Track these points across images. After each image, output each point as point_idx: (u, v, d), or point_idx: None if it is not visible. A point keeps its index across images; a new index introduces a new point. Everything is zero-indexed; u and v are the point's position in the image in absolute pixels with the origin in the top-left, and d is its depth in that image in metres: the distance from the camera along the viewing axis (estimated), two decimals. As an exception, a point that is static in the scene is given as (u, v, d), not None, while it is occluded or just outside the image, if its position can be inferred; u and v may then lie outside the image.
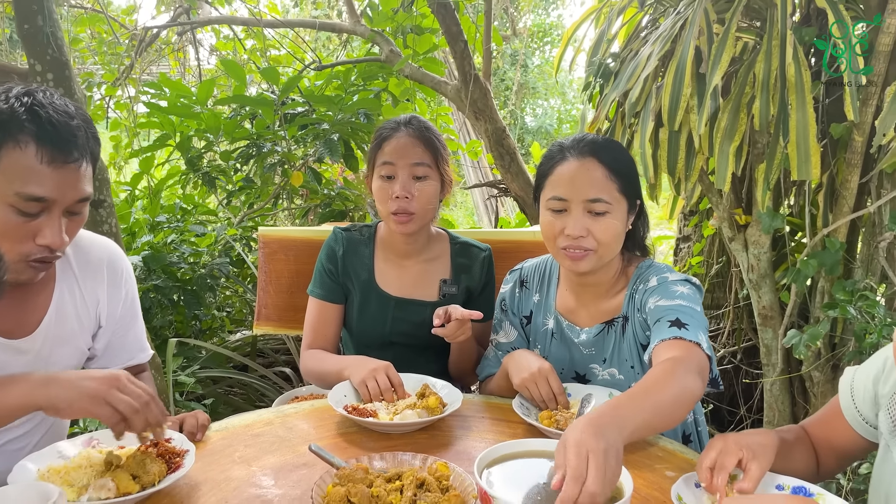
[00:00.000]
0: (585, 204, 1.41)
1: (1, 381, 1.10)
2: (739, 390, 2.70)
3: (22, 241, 1.15)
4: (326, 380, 1.60)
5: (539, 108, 14.31)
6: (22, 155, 1.12)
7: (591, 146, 1.45)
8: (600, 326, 1.53)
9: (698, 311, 1.39)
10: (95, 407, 1.08)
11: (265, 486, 1.17)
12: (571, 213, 1.42)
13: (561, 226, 1.43)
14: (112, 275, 1.43)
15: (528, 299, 1.66)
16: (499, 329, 1.69)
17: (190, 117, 3.36)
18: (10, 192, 1.12)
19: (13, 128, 1.12)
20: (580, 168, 1.42)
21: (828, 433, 1.19)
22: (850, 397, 1.16)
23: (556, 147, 1.51)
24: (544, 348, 1.62)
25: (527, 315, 1.67)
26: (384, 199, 1.68)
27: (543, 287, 1.65)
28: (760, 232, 2.29)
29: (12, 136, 1.12)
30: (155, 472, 1.12)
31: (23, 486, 0.99)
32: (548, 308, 1.63)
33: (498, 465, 1.11)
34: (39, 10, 2.08)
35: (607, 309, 1.54)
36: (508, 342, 1.66)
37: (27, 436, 1.38)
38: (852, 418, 1.16)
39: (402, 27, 3.36)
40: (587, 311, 1.56)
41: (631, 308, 1.50)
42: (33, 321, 1.30)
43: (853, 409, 1.15)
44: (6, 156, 1.12)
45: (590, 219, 1.41)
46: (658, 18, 2.50)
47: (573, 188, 1.42)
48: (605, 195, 1.41)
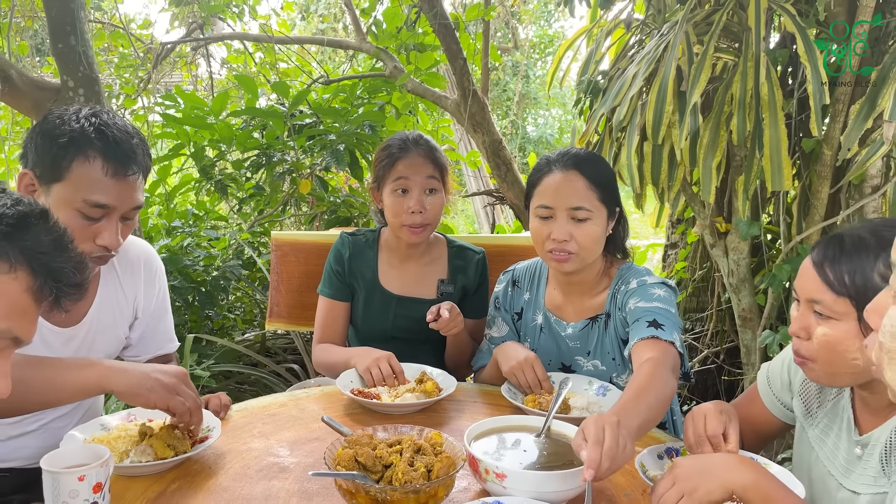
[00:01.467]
0: (569, 211, 1.57)
1: (75, 362, 1.26)
2: (722, 388, 2.86)
3: (84, 242, 1.32)
4: (335, 369, 1.77)
5: (540, 117, 14.50)
6: (90, 168, 1.30)
7: (574, 160, 1.62)
8: (585, 322, 1.69)
9: (673, 312, 1.54)
10: (171, 397, 1.23)
11: (282, 455, 1.33)
12: (557, 220, 1.58)
13: (548, 231, 1.59)
14: (148, 272, 1.61)
15: (519, 297, 1.83)
16: (492, 324, 1.85)
17: (203, 128, 3.53)
18: (77, 199, 1.30)
19: (84, 144, 1.30)
20: (564, 179, 1.59)
21: (748, 416, 1.34)
22: (766, 384, 1.33)
23: (544, 161, 1.67)
24: (533, 341, 1.78)
25: (518, 311, 1.83)
26: (398, 212, 1.84)
27: (533, 286, 1.81)
28: (739, 239, 2.45)
29: (82, 152, 1.30)
30: (186, 442, 1.29)
31: (79, 447, 1.16)
32: (537, 305, 1.79)
33: (485, 437, 1.28)
34: (72, 31, 2.27)
35: (591, 306, 1.70)
36: (501, 336, 1.82)
37: (69, 416, 1.55)
38: (769, 402, 1.32)
39: (405, 44, 3.55)
40: (573, 307, 1.72)
41: (613, 306, 1.66)
42: (81, 312, 1.48)
43: (770, 395, 1.32)
44: (77, 168, 1.30)
45: (573, 225, 1.57)
46: (644, 39, 2.67)
47: (558, 197, 1.58)
48: (587, 203, 1.58)
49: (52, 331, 1.44)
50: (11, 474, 1.49)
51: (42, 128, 1.34)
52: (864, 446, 1.09)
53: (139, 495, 1.18)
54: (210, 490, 1.20)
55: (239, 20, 4.50)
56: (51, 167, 1.31)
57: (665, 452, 1.30)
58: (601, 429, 1.07)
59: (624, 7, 2.81)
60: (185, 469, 1.27)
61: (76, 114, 1.33)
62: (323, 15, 7.53)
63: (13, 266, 0.89)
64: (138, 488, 1.20)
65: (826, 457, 1.16)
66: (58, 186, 1.32)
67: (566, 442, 1.28)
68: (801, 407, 1.24)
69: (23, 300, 0.90)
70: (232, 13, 4.32)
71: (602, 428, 1.07)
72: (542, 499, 1.10)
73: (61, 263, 0.94)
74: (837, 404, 1.18)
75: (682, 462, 1.08)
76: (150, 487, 1.20)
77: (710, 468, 1.05)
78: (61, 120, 1.33)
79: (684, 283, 3.06)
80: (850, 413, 1.13)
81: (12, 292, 0.89)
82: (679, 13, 2.36)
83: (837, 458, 1.14)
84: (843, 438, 1.14)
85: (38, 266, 0.91)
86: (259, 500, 1.17)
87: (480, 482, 1.16)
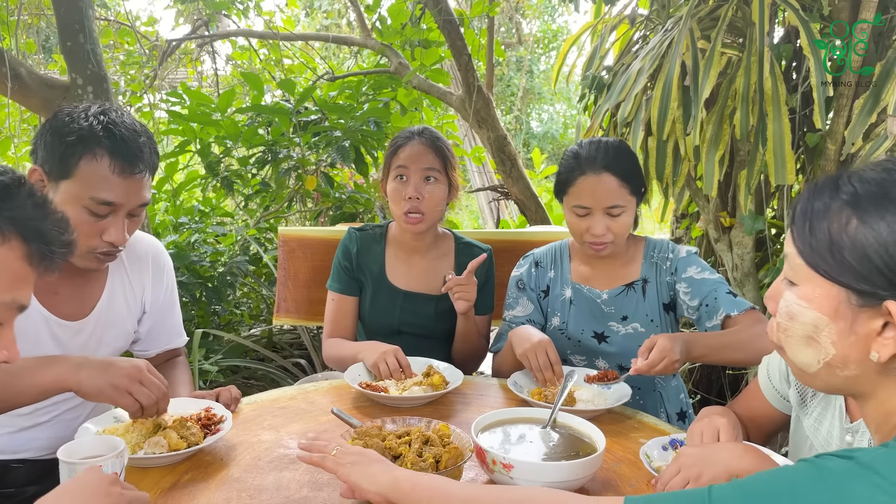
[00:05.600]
0: (605, 210, 1.68)
1: (40, 361, 1.25)
2: (726, 382, 2.87)
3: (91, 238, 1.35)
4: (344, 363, 1.79)
5: (545, 112, 14.48)
6: (98, 165, 1.32)
7: (605, 160, 1.69)
8: (621, 288, 1.80)
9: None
10: (119, 397, 1.23)
11: (292, 447, 1.35)
12: (594, 217, 1.69)
13: (585, 226, 1.70)
14: (156, 267, 1.63)
15: (543, 276, 1.89)
16: (515, 305, 1.89)
17: (209, 125, 3.56)
18: (84, 196, 1.32)
19: (92, 142, 1.32)
20: (598, 183, 1.68)
21: (750, 411, 1.37)
22: (766, 377, 1.35)
23: (573, 160, 1.73)
24: (563, 315, 1.84)
25: (544, 289, 1.88)
26: (398, 199, 1.87)
27: (557, 264, 1.88)
28: (744, 233, 2.46)
29: (90, 150, 1.32)
30: (198, 434, 1.31)
31: (95, 439, 1.18)
32: (564, 280, 1.86)
33: (492, 428, 1.30)
34: (81, 29, 2.28)
35: (623, 274, 1.81)
36: (525, 314, 1.86)
37: (80, 407, 1.57)
38: (770, 395, 1.34)
39: (409, 41, 3.56)
40: (604, 277, 1.82)
41: (653, 272, 1.79)
42: (89, 306, 1.50)
43: (770, 387, 1.33)
44: (84, 165, 1.32)
45: (609, 220, 1.69)
46: (648, 35, 2.68)
47: (594, 199, 1.68)
48: (620, 200, 1.68)
49: (60, 324, 1.46)
50: (24, 465, 1.52)
51: (52, 125, 1.36)
52: (855, 433, 1.10)
53: (153, 486, 1.20)
54: (222, 481, 1.22)
55: (244, 17, 4.52)
56: (59, 164, 1.33)
57: (669, 444, 1.32)
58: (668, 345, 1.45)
59: (628, 2, 2.82)
60: (198, 460, 1.29)
61: (85, 112, 1.36)
62: (327, 11, 7.54)
63: (6, 237, 0.91)
64: (152, 479, 1.22)
65: (821, 445, 1.18)
66: (66, 183, 1.34)
67: (572, 434, 1.30)
68: (797, 396, 1.26)
69: (21, 268, 0.93)
70: (237, 10, 4.33)
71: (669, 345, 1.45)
72: (549, 489, 1.11)
73: (48, 225, 0.96)
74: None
75: (687, 451, 1.10)
76: (163, 478, 1.22)
77: (715, 455, 1.07)
78: (70, 118, 1.35)
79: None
80: (842, 401, 1.15)
81: (10, 262, 0.92)
82: (683, 9, 2.37)
83: (831, 446, 1.15)
84: (835, 426, 1.15)
85: (28, 232, 0.93)
86: (270, 491, 1.19)
87: (488, 473, 1.18)
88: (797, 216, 0.86)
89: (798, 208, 0.86)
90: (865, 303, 0.80)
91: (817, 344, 0.85)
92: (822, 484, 0.71)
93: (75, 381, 1.21)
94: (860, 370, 0.83)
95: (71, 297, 1.48)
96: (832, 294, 0.82)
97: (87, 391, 1.22)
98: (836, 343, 0.83)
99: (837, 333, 0.83)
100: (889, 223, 0.77)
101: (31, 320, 1.42)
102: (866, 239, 0.78)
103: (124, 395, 1.23)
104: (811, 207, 0.84)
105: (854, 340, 0.82)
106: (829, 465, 0.72)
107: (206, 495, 1.17)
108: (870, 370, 0.83)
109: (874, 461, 0.71)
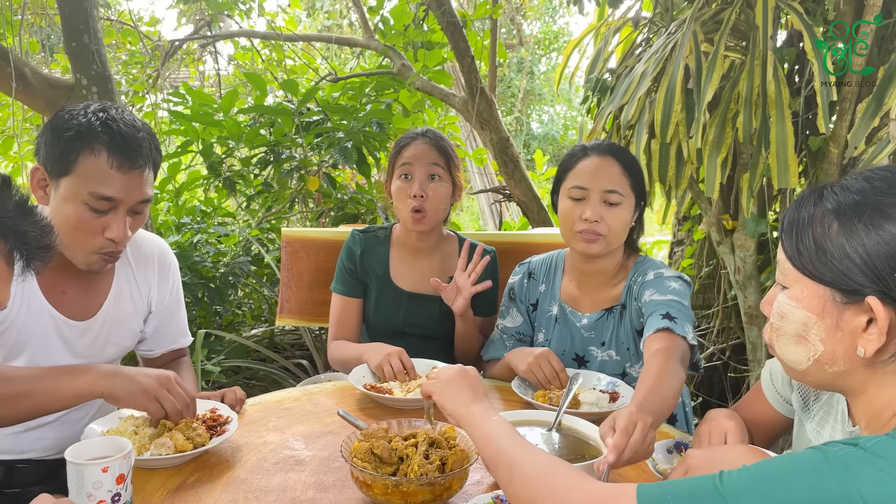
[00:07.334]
0: (602, 194, 1.65)
1: (70, 369, 1.30)
2: (728, 385, 2.88)
3: (93, 235, 1.35)
4: (349, 365, 1.79)
5: (545, 114, 14.48)
6: (96, 161, 1.33)
7: (610, 147, 1.71)
8: (600, 313, 1.75)
9: (686, 305, 1.59)
10: (148, 402, 1.28)
11: (297, 448, 1.36)
12: (590, 201, 1.65)
13: (580, 211, 1.65)
14: (162, 267, 1.63)
15: (535, 289, 1.87)
16: (506, 315, 1.88)
17: (212, 125, 3.56)
18: (84, 192, 1.33)
19: (90, 138, 1.32)
20: (601, 164, 1.67)
21: (753, 414, 1.37)
22: (769, 380, 1.35)
23: (579, 148, 1.75)
24: (548, 332, 1.82)
25: (533, 303, 1.87)
26: (402, 197, 1.88)
27: (549, 278, 1.86)
28: (746, 236, 2.46)
29: (88, 145, 1.32)
30: (204, 435, 1.31)
31: (101, 439, 1.18)
32: (553, 296, 1.83)
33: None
34: (86, 30, 2.29)
35: (607, 297, 1.75)
36: (514, 326, 1.86)
37: (85, 407, 1.57)
38: (773, 398, 1.34)
39: (412, 42, 3.57)
40: (589, 299, 1.78)
41: (629, 297, 1.71)
42: (96, 305, 1.51)
43: (773, 391, 1.34)
44: (83, 161, 1.32)
45: (605, 208, 1.64)
46: (652, 37, 2.68)
47: (594, 179, 1.65)
48: (620, 188, 1.65)
49: (67, 324, 1.47)
50: (30, 465, 1.53)
51: (52, 123, 1.37)
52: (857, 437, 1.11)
53: (159, 487, 1.20)
54: (228, 482, 1.23)
55: (246, 17, 4.53)
56: (59, 161, 1.34)
57: (675, 447, 1.33)
58: (633, 422, 1.12)
59: (632, 5, 2.82)
60: (204, 462, 1.29)
61: (85, 109, 1.36)
62: (329, 12, 7.54)
63: None
64: (158, 480, 1.22)
65: None
66: (66, 180, 1.34)
67: (577, 436, 1.30)
68: (799, 400, 1.26)
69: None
70: (239, 10, 4.34)
71: (634, 422, 1.12)
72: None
73: (27, 227, 0.98)
74: (833, 396, 1.20)
75: (695, 453, 1.10)
76: (169, 479, 1.23)
77: (722, 458, 1.07)
78: (70, 115, 1.36)
79: (690, 280, 3.08)
80: (845, 405, 1.15)
81: None
82: (687, 11, 2.38)
83: None
84: (837, 430, 1.15)
85: (7, 231, 0.96)
86: (276, 492, 1.19)
87: (493, 475, 1.18)
88: (786, 226, 0.94)
89: (786, 218, 0.94)
90: (849, 300, 0.87)
91: (807, 341, 0.92)
92: (828, 467, 0.74)
93: (108, 385, 1.26)
94: (848, 366, 0.90)
95: (78, 296, 1.48)
96: (818, 293, 0.89)
97: (118, 395, 1.27)
98: (825, 340, 0.90)
99: (825, 330, 0.90)
100: (866, 224, 0.85)
101: (41, 320, 1.43)
102: (847, 240, 0.86)
103: (152, 401, 1.28)
104: (798, 216, 0.92)
105: (840, 336, 0.89)
106: (835, 450, 0.76)
107: (212, 496, 1.18)
108: (857, 366, 0.89)
109: (877, 446, 0.75)
